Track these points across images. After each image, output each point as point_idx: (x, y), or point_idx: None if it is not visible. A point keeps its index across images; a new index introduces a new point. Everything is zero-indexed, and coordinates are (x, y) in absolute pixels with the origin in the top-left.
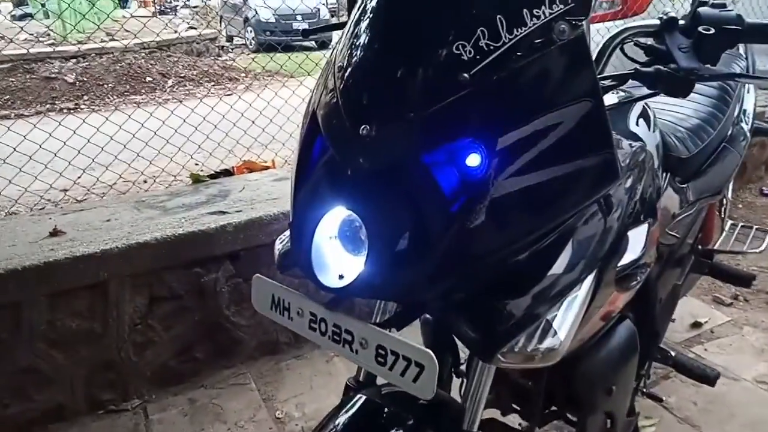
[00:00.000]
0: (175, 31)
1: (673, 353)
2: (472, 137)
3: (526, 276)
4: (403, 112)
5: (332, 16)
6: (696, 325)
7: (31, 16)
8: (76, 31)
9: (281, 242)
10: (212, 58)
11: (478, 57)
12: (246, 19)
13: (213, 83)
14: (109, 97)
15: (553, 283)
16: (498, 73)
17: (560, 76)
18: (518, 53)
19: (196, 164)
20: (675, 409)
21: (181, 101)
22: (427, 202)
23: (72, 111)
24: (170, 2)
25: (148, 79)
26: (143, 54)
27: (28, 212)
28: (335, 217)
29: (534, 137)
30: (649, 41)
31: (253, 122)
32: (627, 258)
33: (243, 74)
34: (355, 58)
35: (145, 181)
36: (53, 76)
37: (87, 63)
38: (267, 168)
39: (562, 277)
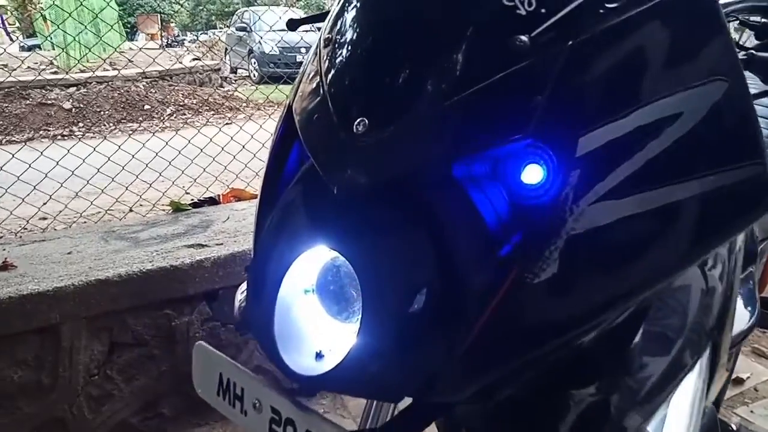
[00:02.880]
0: (179, 60)
1: (734, 427)
2: (530, 137)
3: (607, 365)
4: (420, 98)
5: None
6: (737, 381)
7: (38, 47)
8: (80, 63)
9: (241, 294)
10: (214, 87)
11: (543, 11)
12: (250, 51)
13: (213, 112)
14: (104, 124)
15: (648, 376)
16: (575, 35)
17: (678, 42)
18: (608, 3)
19: (187, 193)
20: None
21: (177, 130)
22: (459, 241)
23: (65, 137)
24: (178, 36)
25: (147, 107)
26: (144, 82)
27: None
28: (313, 260)
29: (635, 138)
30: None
31: (243, 147)
32: (740, 323)
33: (244, 104)
34: (351, 28)
35: (130, 210)
36: (49, 102)
37: (86, 90)
38: (257, 196)
39: (664, 362)
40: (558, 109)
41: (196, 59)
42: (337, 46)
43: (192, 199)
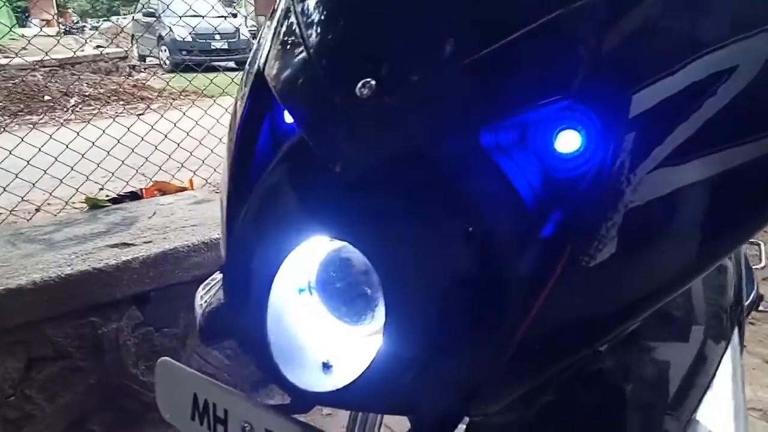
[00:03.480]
0: (80, 48)
1: None
2: (571, 98)
3: (634, 359)
4: (438, 52)
5: (253, 37)
6: None
7: None
8: None
9: (206, 294)
10: (123, 77)
11: None
12: (160, 38)
13: (123, 102)
14: None
15: (695, 365)
16: None
17: None
18: None
19: (102, 189)
20: None
21: (88, 122)
22: (496, 222)
23: None
24: (77, 22)
25: (47, 97)
26: (42, 72)
27: None
28: (309, 254)
29: (690, 95)
30: None
31: (165, 136)
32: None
33: (156, 94)
34: None
35: (37, 210)
36: None
37: None
38: (183, 189)
39: (705, 350)
40: (607, 62)
41: (100, 47)
42: None
43: (107, 196)
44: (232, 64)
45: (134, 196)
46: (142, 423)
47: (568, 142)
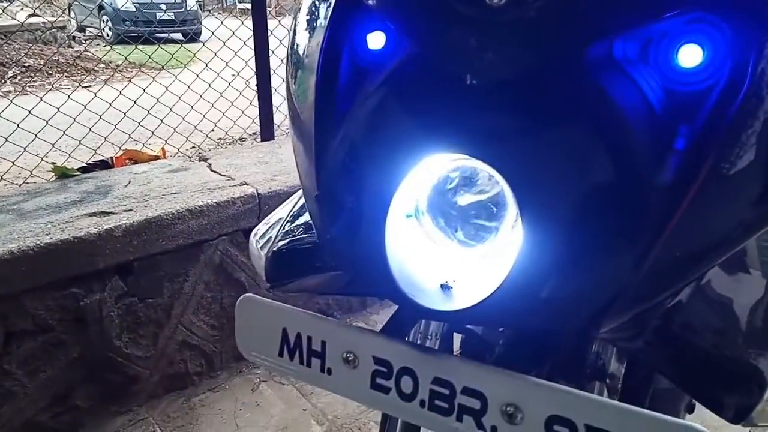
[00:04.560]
0: (13, 17)
1: None
2: (697, 9)
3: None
4: None
5: (200, 8)
6: None
7: None
8: None
9: (262, 239)
10: (63, 48)
11: None
12: (101, 7)
13: (65, 74)
14: None
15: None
16: None
17: None
18: None
19: (68, 157)
20: None
21: (27, 93)
22: (632, 132)
23: None
24: None
25: None
26: None
27: None
28: (419, 176)
29: None
30: None
31: (134, 102)
32: None
33: (102, 65)
34: None
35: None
36: None
37: None
38: (156, 158)
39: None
40: None
41: (34, 15)
42: None
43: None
44: (178, 36)
45: (104, 164)
46: (127, 396)
47: (691, 56)
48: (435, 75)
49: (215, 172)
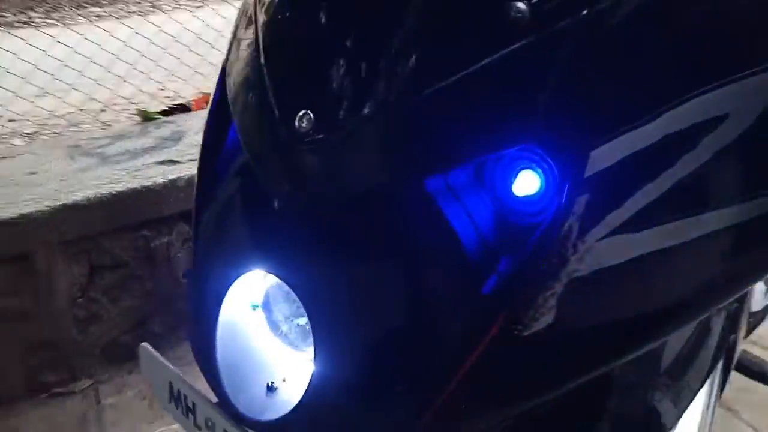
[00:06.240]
0: None
1: None
2: (527, 142)
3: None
4: (384, 87)
5: None
6: None
7: None
8: None
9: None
10: None
11: None
12: None
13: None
14: (64, 9)
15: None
16: (591, 3)
17: (730, 12)
18: None
19: (167, 96)
20: None
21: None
22: (434, 273)
23: (23, 25)
24: None
25: None
26: None
27: None
28: (260, 276)
29: (662, 150)
30: None
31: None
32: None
33: None
34: None
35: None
36: None
37: None
38: None
39: (682, 381)
40: (565, 108)
41: None
42: (278, 8)
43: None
44: None
45: (183, 108)
46: None
47: (528, 183)
48: (259, 194)
49: None
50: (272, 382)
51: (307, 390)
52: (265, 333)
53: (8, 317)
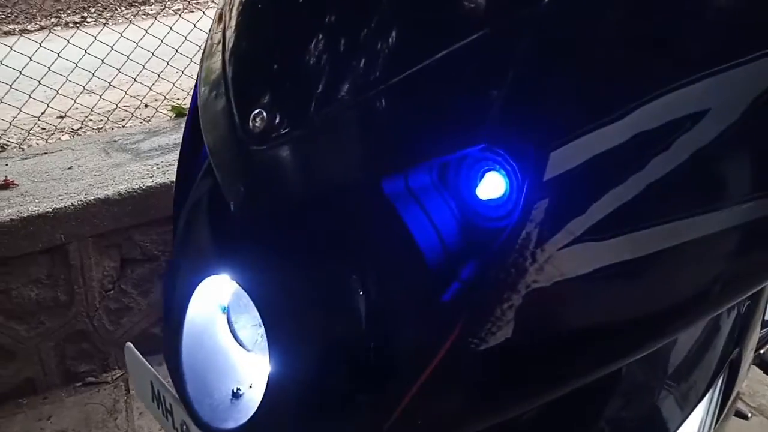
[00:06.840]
0: None
1: None
2: (486, 139)
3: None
4: (336, 85)
5: None
6: None
7: None
8: None
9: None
10: None
11: None
12: None
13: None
14: (117, 9)
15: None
16: None
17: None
18: None
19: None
20: None
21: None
22: (391, 279)
23: (78, 25)
24: None
25: None
26: None
27: None
28: (225, 284)
29: (633, 150)
30: None
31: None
32: None
33: None
34: None
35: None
36: None
37: None
38: None
39: (670, 399)
40: (523, 106)
41: None
42: (242, 9)
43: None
44: None
45: None
46: None
47: (492, 186)
48: (221, 197)
49: None
50: (238, 389)
51: (263, 398)
52: (231, 338)
53: (44, 307)
